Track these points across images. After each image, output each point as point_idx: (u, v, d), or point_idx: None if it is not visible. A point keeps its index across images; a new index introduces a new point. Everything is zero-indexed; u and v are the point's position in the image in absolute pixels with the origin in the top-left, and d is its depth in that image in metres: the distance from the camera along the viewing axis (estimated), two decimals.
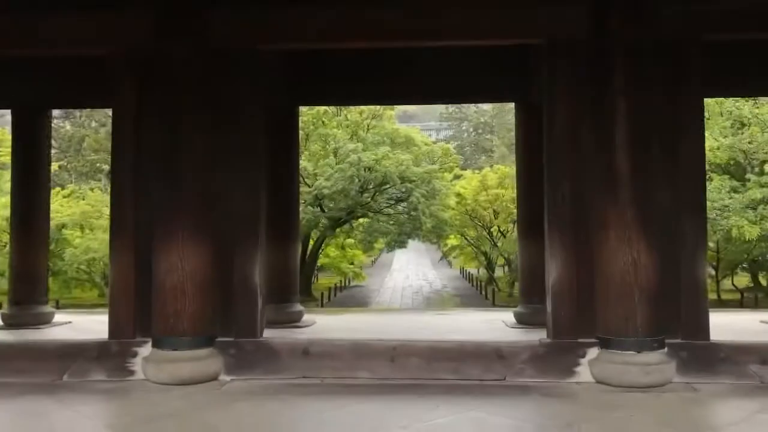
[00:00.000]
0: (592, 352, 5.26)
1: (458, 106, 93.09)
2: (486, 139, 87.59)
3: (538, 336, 7.71)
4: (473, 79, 9.17)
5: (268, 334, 8.27)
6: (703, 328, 5.27)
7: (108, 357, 5.47)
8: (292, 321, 9.28)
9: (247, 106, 5.74)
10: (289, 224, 9.69)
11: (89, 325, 7.45)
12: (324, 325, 9.35)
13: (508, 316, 10.01)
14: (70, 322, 8.05)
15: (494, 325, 9.09)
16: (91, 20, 5.64)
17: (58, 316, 8.40)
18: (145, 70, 5.62)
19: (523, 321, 9.00)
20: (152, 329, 5.36)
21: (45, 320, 7.81)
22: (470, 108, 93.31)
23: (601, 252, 5.22)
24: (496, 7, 5.53)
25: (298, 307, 9.55)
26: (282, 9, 5.62)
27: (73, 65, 7.05)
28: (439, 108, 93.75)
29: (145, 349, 5.44)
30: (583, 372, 5.22)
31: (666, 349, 5.15)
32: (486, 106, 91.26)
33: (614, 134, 5.23)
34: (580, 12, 5.44)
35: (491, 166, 33.07)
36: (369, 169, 22.25)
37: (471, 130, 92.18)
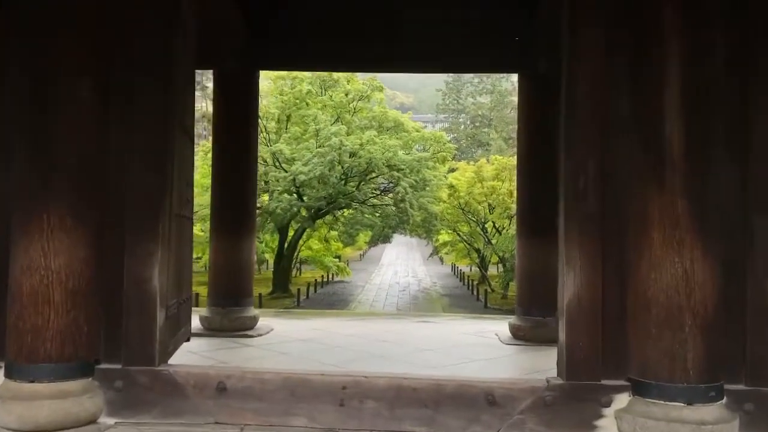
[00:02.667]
0: (621, 400, 3.85)
1: (456, 97, 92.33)
2: (483, 133, 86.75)
3: (538, 358, 6.34)
4: (471, 44, 7.81)
5: (208, 345, 6.90)
6: None
7: None
8: (243, 328, 7.93)
9: (161, 49, 4.24)
10: (243, 213, 8.29)
11: None
12: (281, 333, 7.94)
13: (502, 327, 8.68)
14: None
15: (485, 340, 7.75)
16: None
17: None
18: None
19: (519, 336, 7.70)
20: (5, 351, 3.88)
21: None
22: (467, 99, 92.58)
23: (639, 260, 3.79)
24: None
25: (251, 311, 8.17)
26: None
27: None
28: (436, 99, 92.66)
29: None
30: (608, 427, 3.82)
31: (725, 399, 3.73)
32: (484, 98, 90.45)
33: (662, 96, 3.79)
34: None
35: (487, 160, 31.64)
36: (353, 154, 20.64)
37: (468, 122, 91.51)
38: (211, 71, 8.34)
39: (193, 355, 6.33)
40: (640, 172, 3.84)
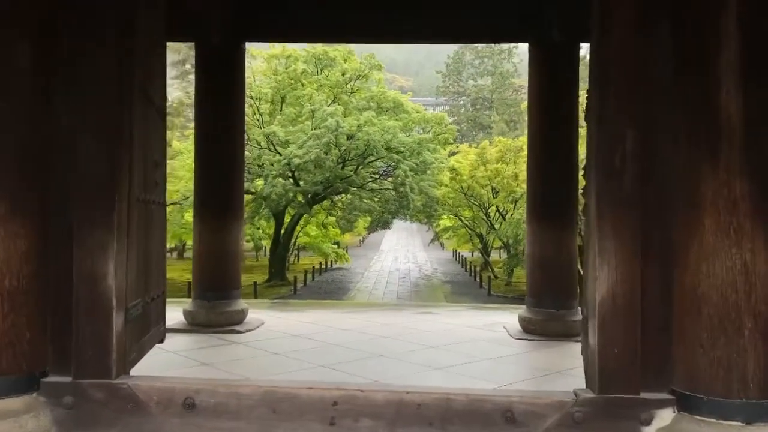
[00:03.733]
0: (664, 417, 3.27)
1: (456, 79, 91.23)
2: (484, 115, 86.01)
3: (554, 356, 5.80)
4: (478, 11, 7.19)
5: (190, 344, 6.36)
6: None
7: None
8: (231, 323, 7.38)
9: (117, 15, 3.60)
10: (229, 197, 7.68)
11: None
12: (272, 328, 7.37)
13: (510, 318, 8.13)
14: None
15: (493, 334, 7.19)
16: None
17: None
18: None
19: (531, 330, 7.16)
20: None
21: None
22: (468, 82, 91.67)
23: (687, 251, 3.20)
24: None
25: (240, 304, 7.60)
26: None
27: None
28: (436, 83, 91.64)
29: None
30: None
31: None
32: (485, 81, 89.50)
33: (718, 53, 3.16)
34: None
35: (490, 142, 30.81)
36: (350, 137, 19.80)
37: (469, 105, 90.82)
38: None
39: (171, 355, 5.77)
40: (689, 145, 3.24)
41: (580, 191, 4.11)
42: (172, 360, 5.55)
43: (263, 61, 24.54)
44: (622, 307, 3.31)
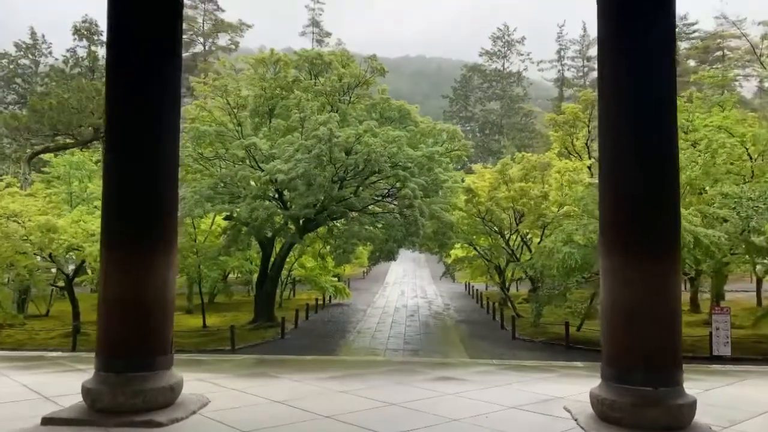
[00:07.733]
0: None
1: (463, 104, 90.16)
2: (493, 141, 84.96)
3: None
4: None
5: None
6: None
7: None
8: (151, 407, 5.22)
9: None
10: (155, 218, 5.42)
11: None
12: (213, 417, 5.12)
13: (567, 387, 5.84)
14: None
15: (552, 424, 4.88)
16: None
17: None
18: None
19: (614, 419, 5.08)
20: None
21: None
22: (476, 106, 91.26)
23: None
24: None
25: (168, 377, 5.33)
26: None
27: None
28: (443, 105, 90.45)
29: None
30: None
31: None
32: (494, 105, 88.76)
33: None
34: None
35: (512, 158, 28.23)
36: (348, 151, 17.26)
37: (477, 130, 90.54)
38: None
39: None
40: None
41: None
42: None
43: (248, 67, 22.31)
44: None
